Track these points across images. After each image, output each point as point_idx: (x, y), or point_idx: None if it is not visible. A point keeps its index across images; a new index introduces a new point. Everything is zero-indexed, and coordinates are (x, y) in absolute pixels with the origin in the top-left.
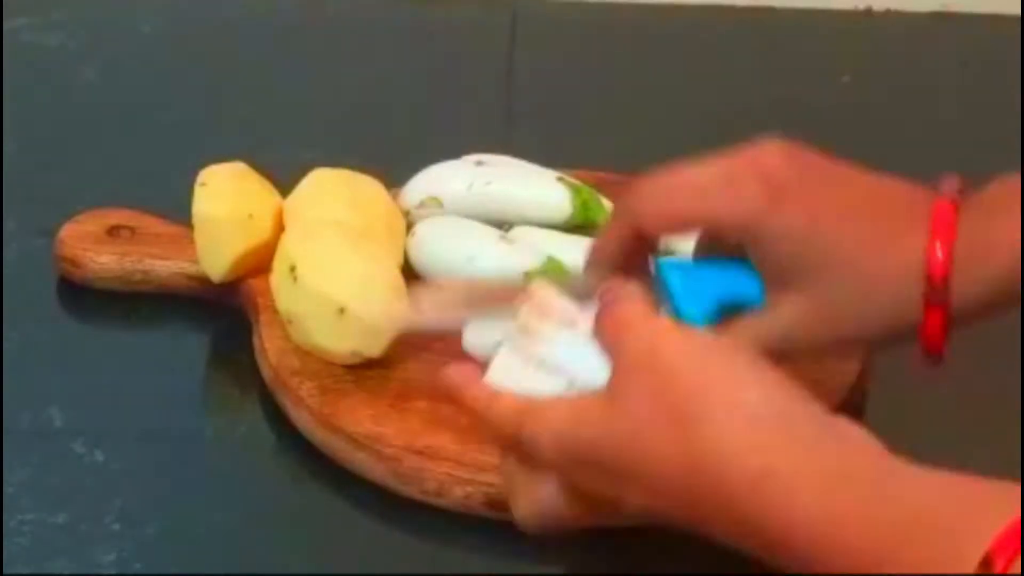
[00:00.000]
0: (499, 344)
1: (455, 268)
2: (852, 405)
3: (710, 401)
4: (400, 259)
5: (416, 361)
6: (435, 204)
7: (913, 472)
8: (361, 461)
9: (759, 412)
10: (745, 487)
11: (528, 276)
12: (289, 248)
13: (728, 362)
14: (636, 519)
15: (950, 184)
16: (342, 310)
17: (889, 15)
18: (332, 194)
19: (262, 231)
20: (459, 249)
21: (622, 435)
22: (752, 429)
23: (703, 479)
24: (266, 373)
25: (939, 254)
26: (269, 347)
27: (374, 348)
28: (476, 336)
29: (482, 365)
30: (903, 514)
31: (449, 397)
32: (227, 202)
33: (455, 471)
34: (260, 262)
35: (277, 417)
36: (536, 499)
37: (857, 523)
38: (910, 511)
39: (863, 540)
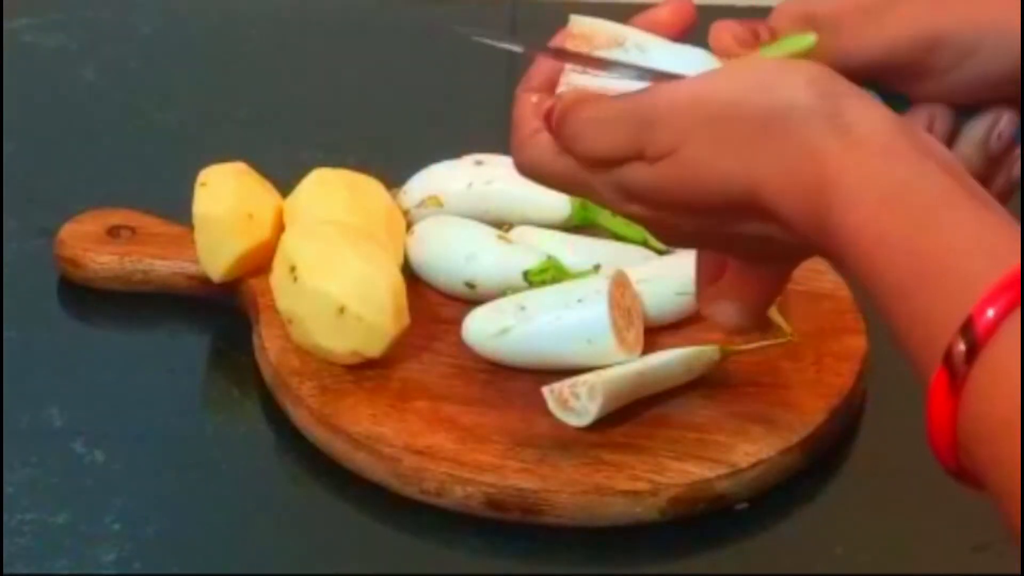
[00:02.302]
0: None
1: (455, 268)
2: (852, 405)
3: (770, 114)
4: (400, 259)
5: (416, 361)
6: (435, 204)
7: (970, 205)
8: (361, 461)
9: (824, 116)
10: (810, 192)
11: (527, 275)
12: (289, 248)
13: (784, 79)
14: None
15: None
16: (342, 310)
17: None
18: (332, 194)
19: (262, 231)
20: (459, 249)
21: (679, 181)
22: (818, 135)
23: (770, 188)
24: (266, 373)
25: None
26: (269, 347)
27: (374, 348)
28: None
29: (482, 357)
30: (938, 250)
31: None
32: (227, 202)
33: (455, 471)
34: (260, 262)
35: (277, 417)
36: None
37: (894, 248)
38: (945, 249)
39: (890, 268)
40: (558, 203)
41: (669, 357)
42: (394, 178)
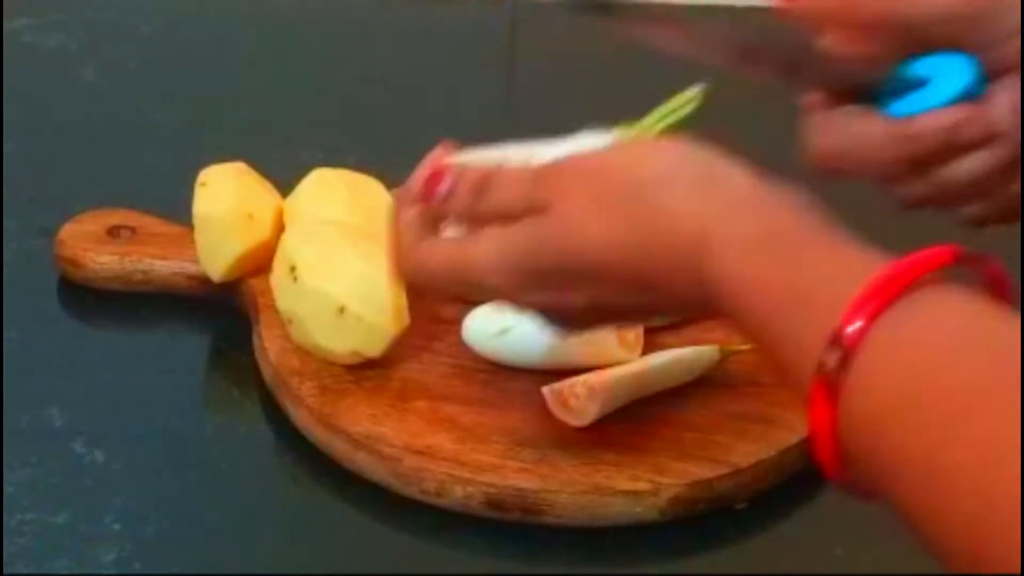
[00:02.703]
0: (501, 332)
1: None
2: None
3: (643, 181)
4: None
5: (416, 361)
6: None
7: (826, 240)
8: (361, 461)
9: (692, 180)
10: (684, 249)
11: None
12: (289, 248)
13: (657, 150)
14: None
15: None
16: (342, 310)
17: None
18: (332, 194)
19: (262, 231)
20: None
21: (558, 235)
22: (687, 197)
23: (646, 251)
24: (266, 373)
25: None
26: (269, 347)
27: (374, 348)
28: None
29: (481, 357)
30: (803, 281)
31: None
32: (227, 202)
33: (455, 471)
34: (260, 262)
35: (277, 417)
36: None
37: (764, 287)
38: (809, 279)
39: (762, 304)
40: None
41: (669, 357)
42: (394, 178)
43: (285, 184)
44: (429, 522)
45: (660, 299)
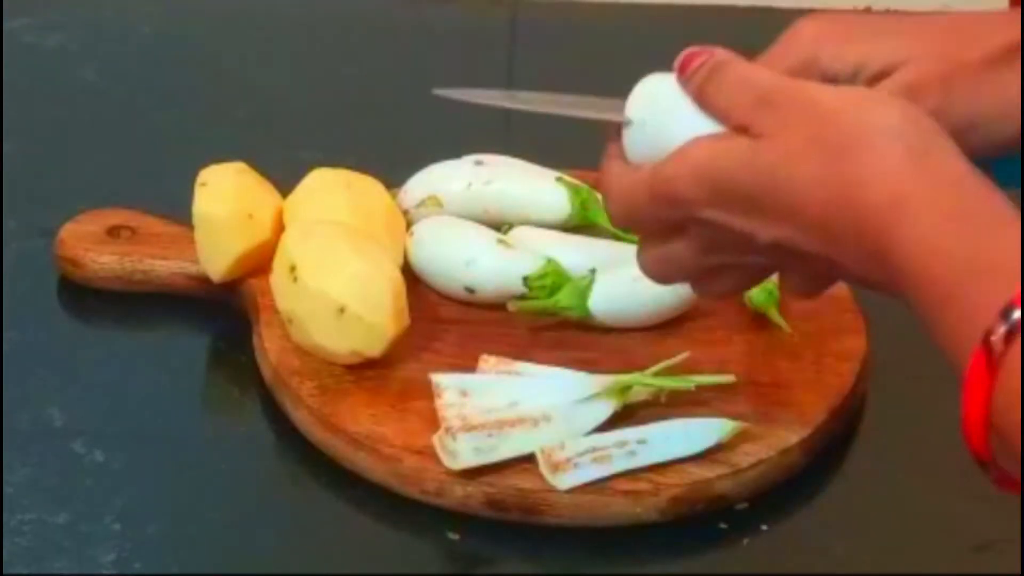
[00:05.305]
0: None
1: (454, 270)
2: (852, 405)
3: (863, 134)
4: (400, 259)
5: (416, 361)
6: (435, 204)
7: (1017, 231)
8: (361, 461)
9: (909, 147)
10: (877, 211)
11: (527, 280)
12: (289, 248)
13: (885, 106)
14: (763, 256)
15: None
16: (342, 310)
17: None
18: (332, 194)
19: (262, 231)
20: (458, 254)
21: (768, 164)
22: (899, 161)
23: (841, 202)
24: (266, 373)
25: None
26: (269, 347)
27: (374, 348)
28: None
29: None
30: (982, 256)
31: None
32: (227, 202)
33: (455, 471)
34: (260, 262)
35: (277, 417)
36: (665, 252)
37: (945, 256)
38: (989, 256)
39: (944, 272)
40: (557, 203)
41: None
42: (394, 178)
43: (285, 184)
44: (429, 522)
45: (841, 253)
